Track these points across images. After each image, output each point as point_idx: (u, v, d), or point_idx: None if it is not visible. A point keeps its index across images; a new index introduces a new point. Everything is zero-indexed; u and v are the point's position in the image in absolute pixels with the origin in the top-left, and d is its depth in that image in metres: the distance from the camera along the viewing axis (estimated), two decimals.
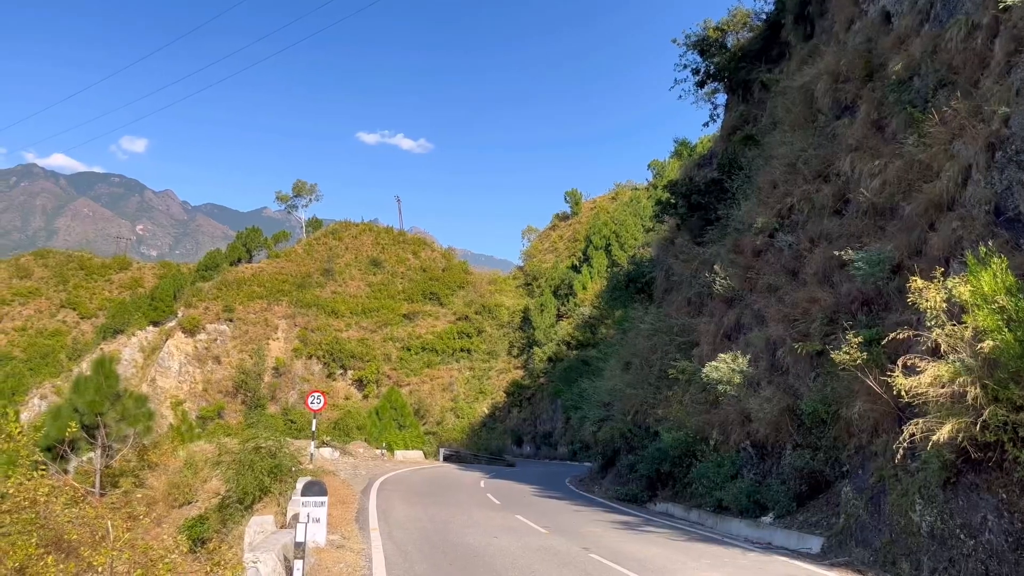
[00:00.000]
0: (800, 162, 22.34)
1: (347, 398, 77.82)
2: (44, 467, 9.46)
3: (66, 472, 21.07)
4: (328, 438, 45.21)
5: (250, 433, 29.11)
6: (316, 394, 33.58)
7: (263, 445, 23.79)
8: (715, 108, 38.62)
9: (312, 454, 31.43)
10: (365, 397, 77.76)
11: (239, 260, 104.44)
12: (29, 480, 9.20)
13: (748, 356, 21.19)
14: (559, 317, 76.01)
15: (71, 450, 29.62)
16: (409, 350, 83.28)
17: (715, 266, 25.47)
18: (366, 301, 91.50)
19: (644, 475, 25.97)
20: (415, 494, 25.91)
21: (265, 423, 63.93)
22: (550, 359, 70.37)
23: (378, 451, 46.21)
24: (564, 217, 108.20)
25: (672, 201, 35.00)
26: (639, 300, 46.49)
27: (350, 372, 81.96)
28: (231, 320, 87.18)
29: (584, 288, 75.40)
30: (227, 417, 76.67)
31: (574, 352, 67.04)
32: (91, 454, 31.24)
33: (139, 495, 28.11)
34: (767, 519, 17.88)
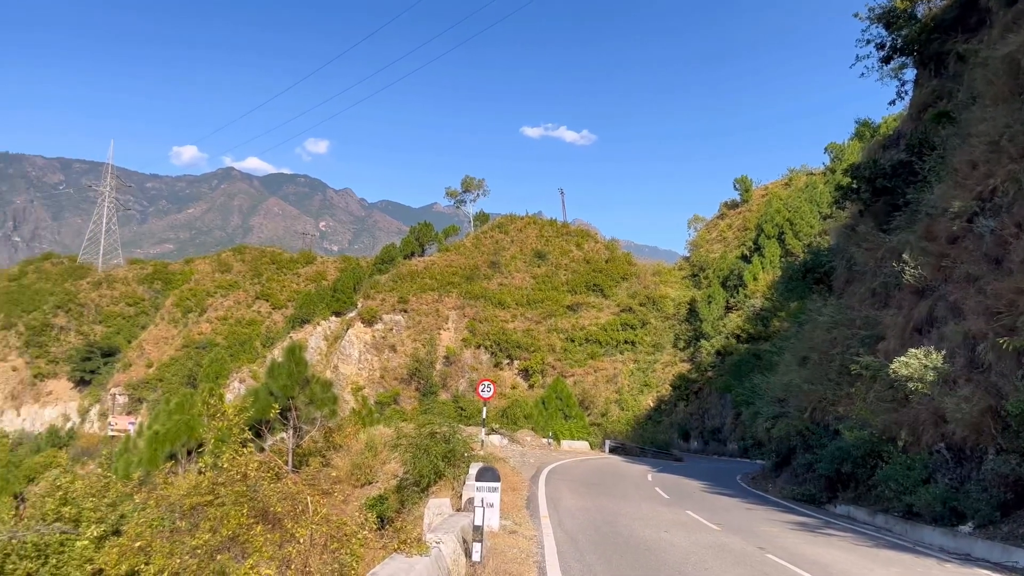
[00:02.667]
0: (1004, 139, 20.24)
1: (514, 387, 79.48)
2: (251, 444, 10.43)
3: (262, 450, 23.02)
4: (497, 426, 46.36)
5: (425, 419, 30.46)
6: (486, 383, 34.50)
7: (437, 431, 24.84)
8: (902, 85, 35.70)
9: (483, 441, 32.38)
10: (531, 387, 79.09)
11: (412, 254, 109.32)
12: (240, 456, 10.16)
13: (943, 351, 19.54)
14: (728, 309, 73.61)
15: (267, 430, 32.25)
16: (573, 341, 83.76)
17: (903, 255, 23.63)
18: (531, 293, 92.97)
19: (823, 475, 24.67)
20: (583, 484, 26.06)
21: (437, 410, 66.75)
22: (718, 352, 68.34)
23: (545, 440, 46.88)
24: (733, 205, 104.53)
25: (854, 186, 32.81)
26: (817, 291, 44.07)
27: (516, 362, 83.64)
28: (405, 311, 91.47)
29: (755, 279, 72.50)
30: (402, 403, 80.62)
31: (744, 346, 64.72)
32: (283, 434, 33.86)
33: (326, 473, 30.16)
34: (966, 528, 16.46)
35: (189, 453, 28.90)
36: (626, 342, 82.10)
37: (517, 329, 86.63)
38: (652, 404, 71.91)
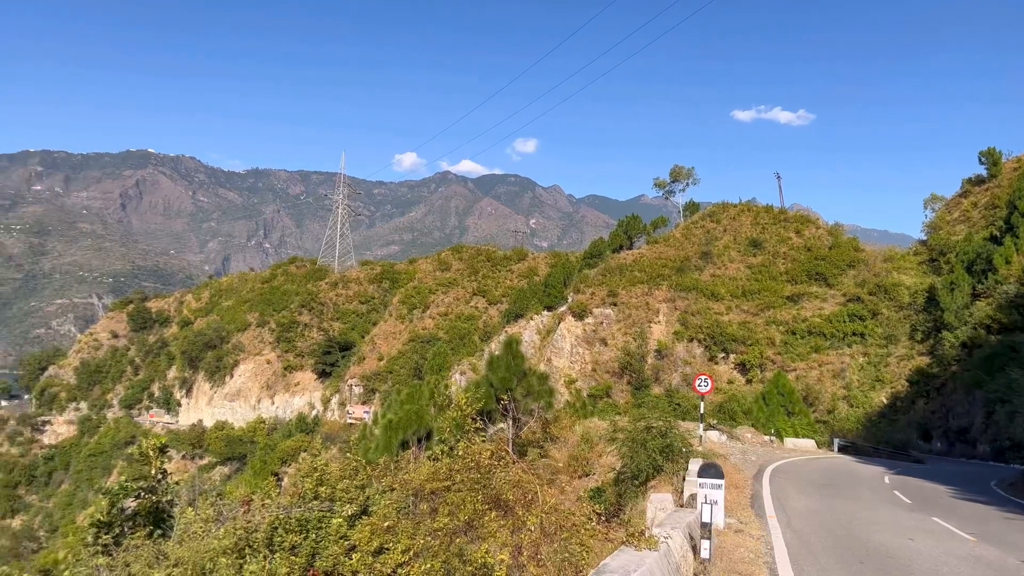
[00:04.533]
0: None
1: (730, 382, 76.82)
2: (482, 433, 10.96)
3: (483, 440, 24.14)
4: (714, 421, 45.12)
5: (640, 413, 30.32)
6: (703, 377, 33.71)
7: (653, 425, 24.64)
8: None
9: (701, 436, 31.67)
10: (748, 381, 76.00)
11: (620, 247, 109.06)
12: (473, 445, 10.71)
13: None
14: (975, 296, 66.13)
15: (488, 420, 33.67)
16: (794, 334, 79.31)
17: None
18: (746, 283, 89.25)
19: None
20: (810, 484, 24.67)
21: (650, 404, 66.16)
22: (964, 344, 61.63)
23: (766, 437, 44.93)
24: (979, 181, 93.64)
25: None
26: None
27: (732, 356, 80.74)
28: (615, 304, 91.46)
29: (1007, 263, 64.51)
30: (614, 396, 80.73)
31: (996, 337, 57.88)
32: (502, 424, 35.20)
33: (544, 464, 30.95)
34: None
35: (420, 441, 30.89)
36: (854, 334, 76.37)
37: (732, 321, 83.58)
38: (885, 401, 66.36)
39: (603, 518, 13.33)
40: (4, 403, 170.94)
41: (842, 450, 48.02)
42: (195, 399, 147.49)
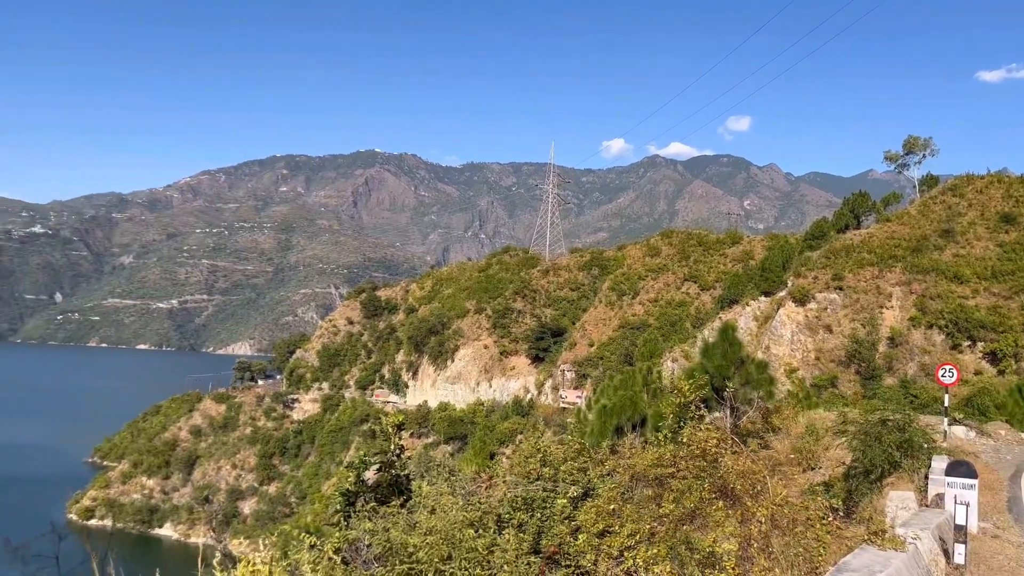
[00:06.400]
0: None
1: (978, 373, 69.20)
2: (705, 419, 10.76)
3: (707, 428, 23.66)
4: (960, 416, 40.95)
5: (872, 404, 28.24)
6: (948, 367, 30.70)
7: (890, 418, 22.87)
8: None
9: (945, 431, 28.92)
10: (1000, 373, 68.02)
11: (846, 227, 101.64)
12: (699, 432, 10.56)
13: None
14: None
15: (705, 408, 32.91)
16: None
17: None
18: (997, 263, 79.68)
19: None
20: None
21: (883, 395, 61.35)
22: None
23: None
24: None
25: None
26: None
27: (979, 344, 72.61)
28: (840, 289, 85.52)
29: None
30: (840, 387, 75.67)
31: None
32: (717, 413, 34.23)
33: (765, 456, 29.72)
34: None
35: (634, 427, 30.91)
36: None
37: (980, 306, 75.09)
38: None
39: (839, 514, 12.57)
40: (261, 382, 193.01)
41: None
42: (420, 381, 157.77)
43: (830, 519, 8.86)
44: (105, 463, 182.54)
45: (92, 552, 6.79)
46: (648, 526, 9.01)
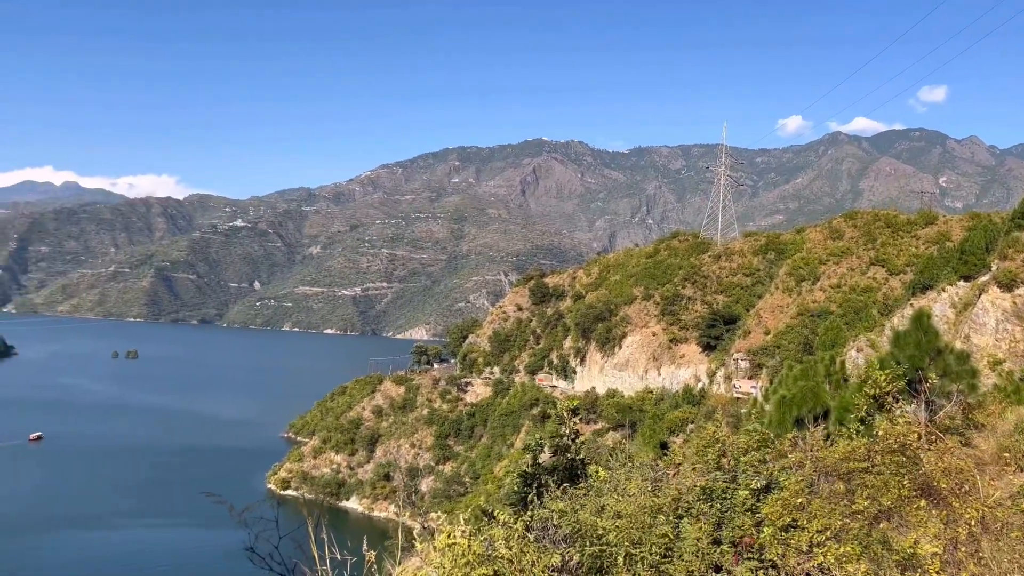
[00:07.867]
0: None
1: None
2: (896, 413, 10.05)
3: (904, 421, 22.06)
4: None
5: None
6: None
7: None
8: None
9: None
10: None
11: None
12: (896, 425, 9.90)
13: None
14: None
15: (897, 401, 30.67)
16: None
17: None
18: None
19: None
20: None
21: None
22: None
23: None
24: None
25: None
26: None
27: None
28: None
29: None
30: None
31: None
32: (910, 406, 31.76)
33: (967, 454, 27.33)
34: None
35: (816, 419, 29.31)
36: None
37: None
38: None
39: None
40: (436, 366, 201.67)
41: None
42: (588, 367, 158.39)
43: None
44: (298, 438, 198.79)
45: (308, 517, 7.47)
46: (839, 522, 8.56)
